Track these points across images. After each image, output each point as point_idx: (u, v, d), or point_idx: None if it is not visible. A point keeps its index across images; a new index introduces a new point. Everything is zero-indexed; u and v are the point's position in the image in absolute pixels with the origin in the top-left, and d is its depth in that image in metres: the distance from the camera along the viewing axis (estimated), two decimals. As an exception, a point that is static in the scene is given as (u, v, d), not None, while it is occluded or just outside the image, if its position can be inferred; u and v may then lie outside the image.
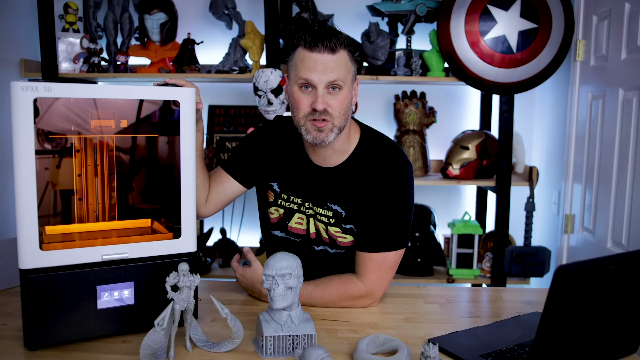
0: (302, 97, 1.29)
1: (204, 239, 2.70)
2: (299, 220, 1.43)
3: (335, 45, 1.25)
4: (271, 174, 1.45)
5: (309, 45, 1.26)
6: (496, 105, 2.64)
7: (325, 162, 1.39)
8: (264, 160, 1.46)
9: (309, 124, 1.30)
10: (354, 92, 1.35)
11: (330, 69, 1.26)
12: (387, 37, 2.45)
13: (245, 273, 1.39)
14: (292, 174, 1.42)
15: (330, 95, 1.28)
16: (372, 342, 1.09)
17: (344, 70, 1.28)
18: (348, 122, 1.34)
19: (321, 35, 1.25)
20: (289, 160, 1.43)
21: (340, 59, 1.27)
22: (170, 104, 1.20)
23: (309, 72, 1.26)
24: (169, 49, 2.58)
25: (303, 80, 1.27)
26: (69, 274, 1.09)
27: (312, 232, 1.42)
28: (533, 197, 2.49)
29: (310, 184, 1.40)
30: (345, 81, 1.29)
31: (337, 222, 1.38)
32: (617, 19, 2.16)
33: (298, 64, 1.28)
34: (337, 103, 1.28)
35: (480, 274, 2.60)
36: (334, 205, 1.38)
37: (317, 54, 1.25)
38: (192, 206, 1.20)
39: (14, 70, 2.47)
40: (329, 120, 1.28)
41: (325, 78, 1.26)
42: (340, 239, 1.39)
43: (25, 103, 1.01)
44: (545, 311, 0.88)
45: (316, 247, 1.43)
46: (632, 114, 2.04)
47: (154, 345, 1.01)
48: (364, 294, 1.35)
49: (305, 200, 1.41)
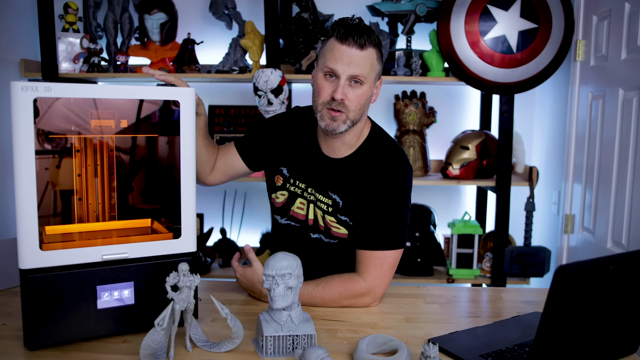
0: (325, 84, 1.35)
1: (204, 239, 2.70)
2: (301, 205, 1.47)
3: (365, 41, 1.31)
4: (282, 159, 1.50)
5: (341, 37, 1.31)
6: (496, 105, 2.64)
7: (333, 153, 1.44)
8: (276, 146, 1.51)
9: (325, 111, 1.35)
10: (375, 91, 1.40)
11: (356, 63, 1.31)
12: (387, 37, 2.45)
13: (246, 273, 1.39)
14: (301, 160, 1.47)
15: (350, 87, 1.33)
16: (372, 342, 1.09)
17: (369, 67, 1.33)
18: (364, 118, 1.40)
19: (353, 30, 1.31)
20: (301, 147, 1.48)
21: (368, 56, 1.32)
22: (170, 104, 1.20)
23: (335, 62, 1.32)
24: (169, 49, 2.58)
25: (328, 69, 1.33)
26: (69, 274, 1.09)
27: (311, 219, 1.46)
28: (533, 197, 2.49)
29: (316, 171, 1.45)
30: (368, 78, 1.34)
31: (334, 211, 1.42)
32: (617, 19, 2.16)
33: (327, 52, 1.34)
34: (355, 97, 1.33)
35: (480, 274, 2.60)
36: (334, 195, 1.42)
37: (346, 47, 1.31)
38: (192, 206, 1.20)
39: (14, 70, 2.47)
40: (344, 112, 1.33)
41: (349, 71, 1.31)
42: (334, 229, 1.43)
43: (25, 103, 1.01)
44: (545, 311, 0.88)
45: (312, 234, 1.47)
46: (632, 114, 2.04)
47: (154, 345, 1.01)
48: (365, 292, 1.35)
49: (308, 186, 1.45)
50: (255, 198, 2.87)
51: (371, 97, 1.39)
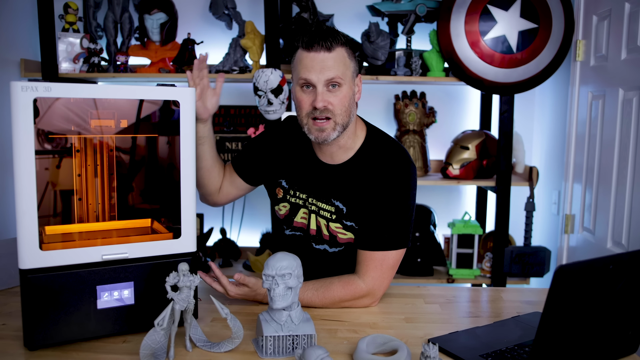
0: (303, 96, 1.33)
1: (204, 239, 2.70)
2: (304, 216, 1.45)
3: (330, 43, 1.28)
4: (280, 171, 1.48)
5: (306, 45, 1.29)
6: (496, 105, 2.64)
7: (331, 159, 1.42)
8: (273, 159, 1.49)
9: (311, 122, 1.33)
10: (356, 89, 1.38)
11: (328, 66, 1.29)
12: (387, 37, 2.45)
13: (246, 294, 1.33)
14: (299, 170, 1.45)
15: (330, 93, 1.30)
16: (372, 342, 1.09)
17: (342, 67, 1.31)
18: (353, 118, 1.37)
19: (317, 35, 1.29)
20: (297, 157, 1.46)
21: (338, 56, 1.30)
22: (170, 104, 1.20)
23: (307, 71, 1.30)
24: (169, 49, 2.58)
25: (303, 80, 1.31)
26: (69, 274, 1.09)
27: (313, 229, 1.43)
28: (533, 197, 2.49)
29: (316, 180, 1.43)
30: (345, 78, 1.31)
31: (338, 218, 1.40)
32: (617, 19, 2.16)
33: (298, 65, 1.32)
34: (337, 100, 1.31)
35: (480, 274, 2.60)
36: (337, 202, 1.39)
37: (314, 53, 1.29)
38: (192, 206, 1.20)
39: (14, 70, 2.47)
40: (332, 118, 1.31)
41: (323, 76, 1.29)
42: (341, 235, 1.41)
43: (25, 103, 1.01)
44: (545, 311, 0.88)
45: (315, 245, 1.45)
46: (632, 114, 2.04)
47: (154, 345, 1.01)
48: (365, 293, 1.35)
49: (309, 196, 1.43)
50: (255, 198, 2.87)
51: (354, 95, 1.36)
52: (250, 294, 1.33)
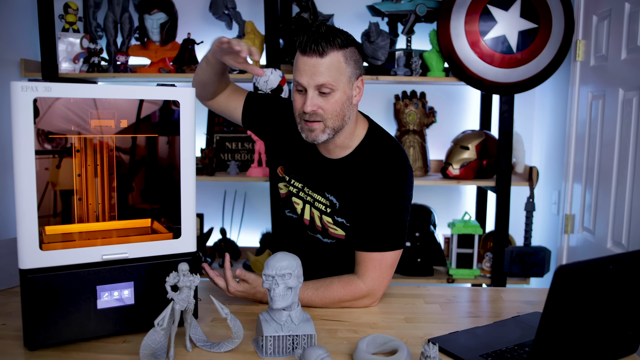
0: (296, 97, 1.34)
1: (204, 239, 2.70)
2: (297, 202, 1.47)
3: (323, 48, 1.26)
4: (281, 153, 1.50)
5: (302, 48, 1.29)
6: (496, 105, 2.64)
7: (330, 154, 1.42)
8: (278, 137, 1.50)
9: (303, 122, 1.34)
10: (356, 92, 1.35)
11: (319, 72, 1.27)
12: (387, 37, 2.45)
13: (246, 291, 1.33)
14: (298, 159, 1.46)
15: (321, 97, 1.30)
16: (372, 342, 1.09)
17: (335, 72, 1.29)
18: (349, 120, 1.36)
19: (311, 39, 1.27)
20: (299, 145, 1.45)
21: (331, 62, 1.28)
22: (170, 104, 1.20)
23: (299, 75, 1.30)
24: (169, 49, 2.58)
25: (296, 82, 1.32)
26: (69, 274, 1.09)
27: (307, 219, 1.45)
28: (533, 197, 2.49)
29: (313, 171, 1.44)
30: (337, 84, 1.29)
31: (331, 212, 1.41)
32: (617, 19, 2.16)
33: (294, 66, 1.33)
34: (329, 106, 1.30)
35: (480, 274, 2.60)
36: (330, 196, 1.41)
37: (307, 57, 1.28)
38: (192, 206, 1.20)
39: (14, 70, 2.47)
40: (321, 121, 1.32)
41: (313, 82, 1.28)
42: (332, 230, 1.42)
43: (25, 103, 1.01)
44: (545, 311, 0.88)
45: (309, 232, 1.47)
46: (632, 114, 2.04)
47: (154, 345, 1.01)
48: (365, 294, 1.35)
49: (305, 186, 1.44)
50: (255, 198, 2.87)
51: (350, 99, 1.33)
52: (251, 291, 1.33)
